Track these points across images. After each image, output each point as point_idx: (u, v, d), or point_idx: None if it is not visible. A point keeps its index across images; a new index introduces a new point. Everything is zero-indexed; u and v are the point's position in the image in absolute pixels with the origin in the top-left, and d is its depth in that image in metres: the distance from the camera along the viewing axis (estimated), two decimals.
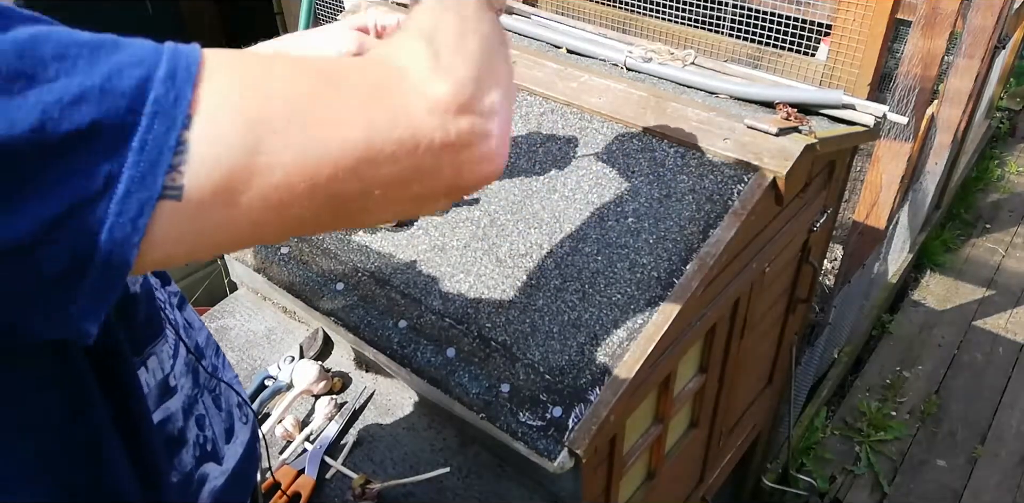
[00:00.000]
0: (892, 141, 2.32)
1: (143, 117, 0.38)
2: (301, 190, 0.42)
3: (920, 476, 2.64)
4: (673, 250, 1.02)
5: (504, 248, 1.08)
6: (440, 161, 0.46)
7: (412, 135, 0.44)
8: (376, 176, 0.44)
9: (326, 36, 0.82)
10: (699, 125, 1.11)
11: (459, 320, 1.03)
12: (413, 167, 0.45)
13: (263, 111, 0.41)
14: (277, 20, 3.43)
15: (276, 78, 0.43)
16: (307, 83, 0.43)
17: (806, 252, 1.51)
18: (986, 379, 2.97)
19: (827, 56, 1.73)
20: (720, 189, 1.05)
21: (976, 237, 3.67)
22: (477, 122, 0.47)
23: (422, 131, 0.44)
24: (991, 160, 4.14)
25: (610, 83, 1.20)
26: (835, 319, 2.53)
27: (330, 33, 0.83)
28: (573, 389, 0.94)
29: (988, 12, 2.41)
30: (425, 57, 0.47)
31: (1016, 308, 3.27)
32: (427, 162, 0.45)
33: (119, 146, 0.38)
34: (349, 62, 0.49)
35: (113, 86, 0.38)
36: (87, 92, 0.38)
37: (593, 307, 0.99)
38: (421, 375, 1.01)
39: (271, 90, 0.42)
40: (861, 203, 2.51)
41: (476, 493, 1.10)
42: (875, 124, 1.22)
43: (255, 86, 0.42)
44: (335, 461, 1.15)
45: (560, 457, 0.90)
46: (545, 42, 1.41)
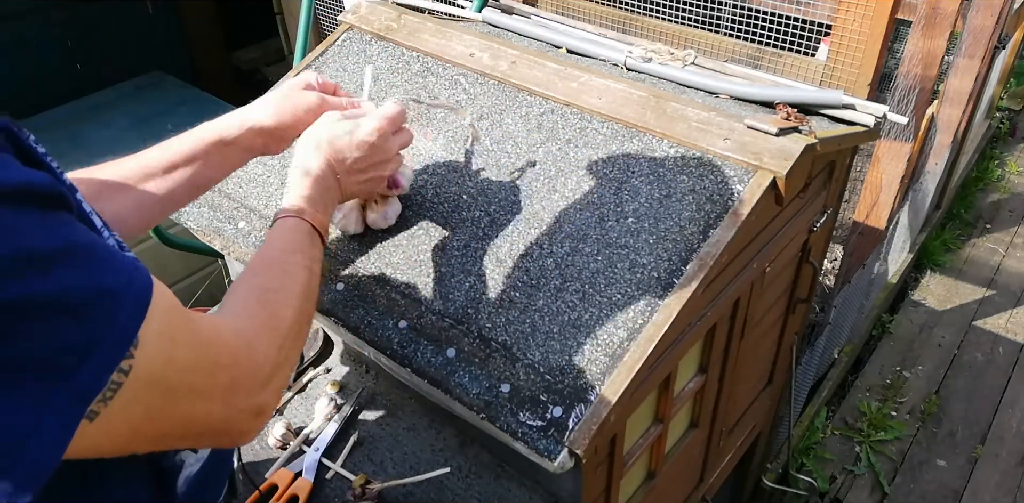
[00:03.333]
0: (892, 141, 2.32)
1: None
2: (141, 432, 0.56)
3: (920, 476, 2.64)
4: (673, 250, 1.02)
5: (504, 248, 1.08)
6: (224, 433, 0.64)
7: (228, 425, 0.63)
8: (193, 432, 0.61)
9: (287, 98, 0.98)
10: (699, 125, 1.11)
11: (459, 320, 1.03)
12: (213, 434, 0.64)
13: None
14: (277, 20, 3.43)
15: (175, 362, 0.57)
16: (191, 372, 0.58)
17: (806, 252, 1.51)
18: (986, 379, 2.97)
19: (827, 56, 1.73)
20: (720, 189, 1.05)
21: (976, 237, 3.67)
22: (261, 424, 0.67)
23: (235, 425, 0.63)
24: (991, 160, 4.14)
25: (610, 83, 1.20)
26: (835, 319, 2.53)
27: (290, 94, 0.98)
28: (573, 389, 0.94)
29: (988, 12, 2.41)
30: (271, 367, 0.67)
31: (1016, 308, 3.27)
32: (221, 433, 0.64)
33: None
34: (230, 347, 0.64)
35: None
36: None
37: (593, 307, 0.99)
38: (421, 375, 1.01)
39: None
40: (861, 203, 2.51)
41: (476, 493, 1.10)
42: (875, 124, 1.22)
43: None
44: (334, 463, 1.15)
45: (560, 457, 0.90)
46: (545, 42, 1.41)
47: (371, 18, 1.43)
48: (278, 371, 0.68)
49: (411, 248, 1.12)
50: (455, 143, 1.22)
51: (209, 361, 0.60)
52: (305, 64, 1.42)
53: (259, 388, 0.65)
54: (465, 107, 1.19)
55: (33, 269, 0.46)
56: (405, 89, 1.32)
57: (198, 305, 2.16)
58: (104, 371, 0.49)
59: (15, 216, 0.46)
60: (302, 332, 0.77)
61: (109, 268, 0.51)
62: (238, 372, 0.63)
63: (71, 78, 3.20)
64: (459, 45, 1.33)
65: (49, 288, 0.46)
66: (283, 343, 0.70)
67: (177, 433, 0.59)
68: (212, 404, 0.60)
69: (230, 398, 0.61)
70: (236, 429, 0.64)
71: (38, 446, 0.46)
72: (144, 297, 0.53)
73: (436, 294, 1.06)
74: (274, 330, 0.70)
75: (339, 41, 1.44)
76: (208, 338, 0.61)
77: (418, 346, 1.03)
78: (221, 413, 0.61)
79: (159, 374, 0.54)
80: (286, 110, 0.96)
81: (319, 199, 0.89)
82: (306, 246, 0.83)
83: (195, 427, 0.60)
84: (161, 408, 0.55)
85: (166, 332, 0.54)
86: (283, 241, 0.82)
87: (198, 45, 3.70)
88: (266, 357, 0.67)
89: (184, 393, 0.57)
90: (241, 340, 0.65)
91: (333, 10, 2.71)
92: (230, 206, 1.26)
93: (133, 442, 0.56)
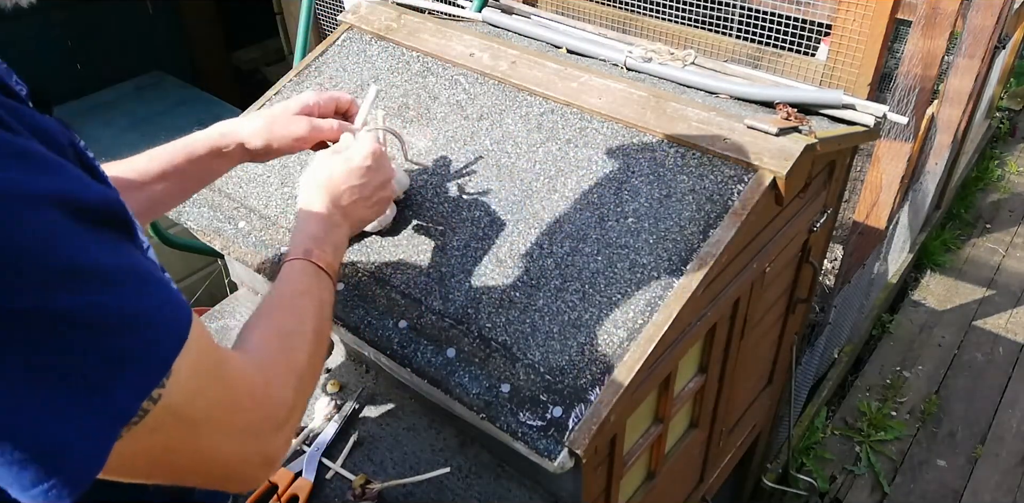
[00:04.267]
0: (892, 141, 2.32)
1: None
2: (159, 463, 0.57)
3: (920, 476, 2.64)
4: (673, 250, 1.02)
5: (504, 248, 1.08)
6: (233, 477, 0.64)
7: (240, 468, 0.63)
8: (205, 470, 0.61)
9: (276, 123, 0.99)
10: (699, 125, 1.11)
11: (459, 320, 1.03)
12: (223, 476, 0.64)
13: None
14: (277, 20, 3.43)
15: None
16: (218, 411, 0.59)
17: (806, 252, 1.51)
18: (986, 379, 2.97)
19: (827, 56, 1.73)
20: (720, 189, 1.05)
21: (976, 237, 3.68)
22: (268, 474, 0.68)
23: (245, 469, 0.63)
24: (991, 160, 4.14)
25: (610, 83, 1.20)
26: (835, 319, 2.53)
27: (280, 119, 0.99)
28: (573, 389, 0.94)
29: (988, 12, 2.41)
30: (287, 410, 0.67)
31: (1016, 308, 3.27)
32: (230, 476, 0.64)
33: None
34: (253, 388, 0.64)
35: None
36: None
37: (593, 307, 0.99)
38: (421, 375, 1.00)
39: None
40: (861, 203, 2.51)
41: (476, 493, 1.10)
42: (875, 124, 1.22)
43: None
44: (334, 463, 1.15)
45: (560, 457, 0.90)
46: (545, 42, 1.41)
47: (371, 18, 1.43)
48: (292, 414, 0.69)
49: (411, 248, 1.12)
50: (455, 143, 1.22)
51: (233, 399, 0.61)
52: (305, 64, 1.42)
53: (274, 431, 0.65)
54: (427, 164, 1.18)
55: (96, 284, 0.48)
56: (405, 89, 1.32)
57: (198, 305, 2.16)
58: (140, 393, 0.50)
59: (86, 231, 0.48)
60: (315, 376, 0.77)
61: (159, 297, 0.53)
62: (257, 414, 0.63)
63: (71, 78, 3.20)
64: (459, 45, 1.33)
65: (107, 305, 0.48)
66: (298, 386, 0.70)
67: (188, 470, 0.60)
68: (231, 443, 0.61)
69: (247, 439, 0.62)
70: (246, 475, 0.64)
71: (82, 453, 0.47)
72: (184, 330, 0.54)
73: (436, 294, 1.06)
74: (290, 373, 0.70)
75: (339, 41, 1.44)
76: (235, 377, 0.62)
77: (418, 346, 1.03)
78: (237, 453, 0.62)
79: (185, 406, 0.55)
80: (275, 135, 0.99)
81: (325, 238, 0.90)
82: (314, 288, 0.84)
83: (209, 466, 0.60)
84: (181, 440, 0.56)
85: (198, 367, 0.55)
86: (291, 284, 0.83)
87: (198, 45, 3.70)
88: (283, 400, 0.67)
89: (205, 429, 0.57)
90: (262, 382, 0.66)
91: (333, 10, 2.71)
92: (230, 206, 1.26)
93: (151, 471, 0.57)
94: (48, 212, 0.46)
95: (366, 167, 0.96)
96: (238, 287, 1.46)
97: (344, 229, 0.94)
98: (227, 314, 1.40)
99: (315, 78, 1.39)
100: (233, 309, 1.41)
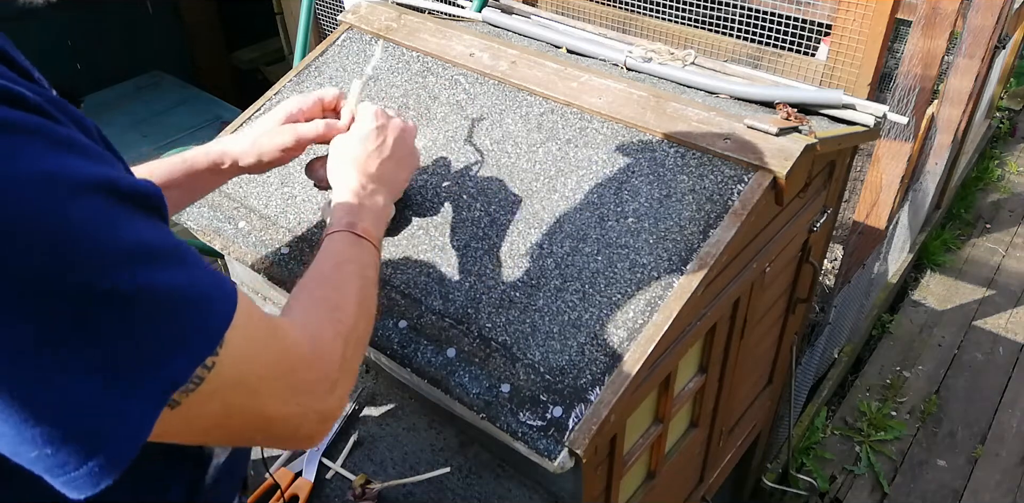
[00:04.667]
0: (892, 141, 2.32)
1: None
2: (229, 422, 0.60)
3: (920, 476, 2.64)
4: (673, 250, 1.02)
5: (504, 248, 1.08)
6: (294, 435, 0.67)
7: (299, 425, 0.65)
8: (267, 430, 0.64)
9: (263, 137, 1.01)
10: (699, 125, 1.11)
11: (459, 320, 1.03)
12: (285, 434, 0.66)
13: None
14: (277, 20, 3.43)
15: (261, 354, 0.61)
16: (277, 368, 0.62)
17: (806, 252, 1.51)
18: (986, 379, 2.97)
19: (827, 56, 1.73)
20: (720, 189, 1.05)
21: (976, 237, 3.68)
22: (327, 429, 0.70)
23: (305, 426, 0.66)
24: (991, 160, 4.14)
25: (610, 83, 1.20)
26: (835, 319, 2.53)
27: (265, 132, 1.02)
28: (573, 389, 0.94)
29: (988, 12, 2.41)
30: (337, 372, 0.69)
31: (1016, 308, 3.27)
32: (292, 435, 0.67)
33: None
34: (304, 352, 0.67)
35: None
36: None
37: (593, 307, 0.99)
38: (421, 375, 1.01)
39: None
40: (861, 203, 2.51)
41: (476, 493, 1.10)
42: (875, 124, 1.22)
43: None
44: (334, 463, 1.16)
45: (560, 457, 0.90)
46: (545, 42, 1.41)
47: (371, 18, 1.43)
48: (344, 376, 0.71)
49: (411, 248, 1.12)
50: (455, 143, 1.22)
51: (286, 364, 0.63)
52: (305, 64, 1.42)
53: (328, 392, 0.68)
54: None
55: (148, 264, 0.50)
56: (405, 89, 1.32)
57: None
58: (191, 366, 0.52)
59: (133, 214, 0.51)
60: (363, 338, 0.80)
61: (205, 272, 0.56)
62: (311, 375, 0.66)
63: (71, 78, 3.20)
64: (459, 45, 1.33)
65: (160, 284, 0.50)
66: (345, 349, 0.73)
67: (251, 430, 0.63)
68: (287, 404, 0.63)
69: (303, 400, 0.65)
70: (305, 432, 0.67)
71: (125, 430, 0.49)
72: (232, 302, 0.57)
73: (436, 294, 1.06)
74: (339, 335, 0.73)
75: (339, 41, 1.44)
76: (286, 341, 0.64)
77: (418, 346, 1.03)
78: (295, 413, 0.64)
79: (240, 373, 0.57)
80: (263, 150, 1.02)
81: (361, 208, 0.92)
82: (355, 255, 0.86)
83: (269, 425, 0.63)
84: (239, 405, 0.59)
85: (250, 334, 0.58)
86: (332, 255, 0.86)
87: (198, 45, 3.70)
88: (332, 362, 0.70)
89: (261, 392, 0.60)
90: (312, 345, 0.68)
91: (333, 10, 2.71)
92: (230, 206, 1.26)
93: (211, 434, 0.60)
94: (98, 196, 0.48)
95: (375, 128, 0.99)
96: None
97: (380, 195, 0.96)
98: None
99: (315, 78, 1.39)
100: None
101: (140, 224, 0.51)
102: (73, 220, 0.46)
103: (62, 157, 0.48)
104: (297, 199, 1.23)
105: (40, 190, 0.45)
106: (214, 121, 3.03)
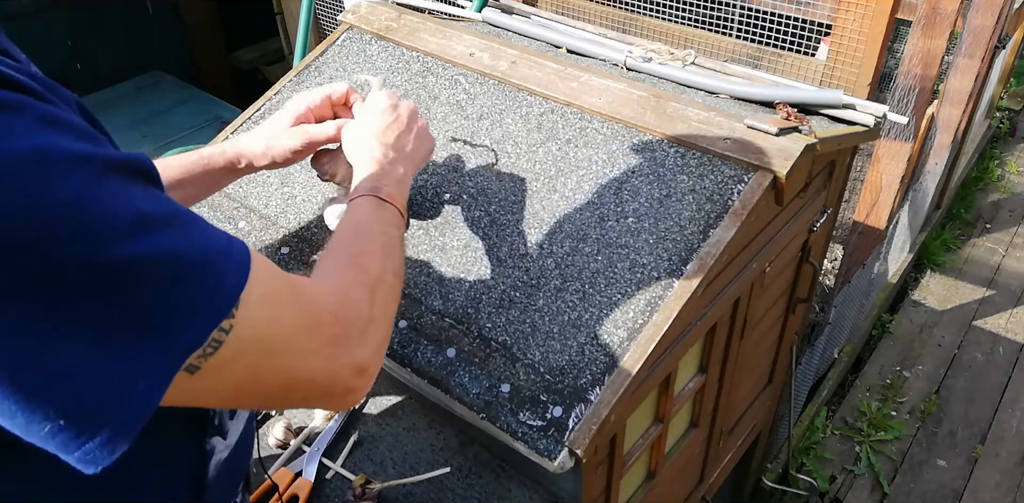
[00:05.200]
0: (892, 141, 2.32)
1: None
2: (257, 383, 0.59)
3: (920, 476, 2.64)
4: (673, 250, 1.02)
5: (504, 248, 1.08)
6: (331, 392, 0.65)
7: (333, 381, 0.64)
8: (300, 389, 0.62)
9: (274, 139, 1.01)
10: (699, 125, 1.11)
11: (459, 320, 1.03)
12: (320, 392, 0.65)
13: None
14: (277, 20, 3.43)
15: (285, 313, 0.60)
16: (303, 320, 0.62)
17: (806, 252, 1.51)
18: (986, 379, 2.97)
19: (827, 56, 1.73)
20: (720, 189, 1.05)
21: (976, 237, 3.68)
22: (365, 383, 0.68)
23: (340, 381, 0.65)
24: (991, 160, 4.14)
25: (610, 83, 1.20)
26: (835, 319, 2.53)
27: (276, 134, 1.02)
28: (573, 389, 0.94)
29: (988, 12, 2.41)
30: (365, 320, 0.68)
31: (1016, 308, 3.27)
32: (327, 391, 0.65)
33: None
34: (329, 304, 0.66)
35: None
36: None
37: (593, 307, 0.99)
38: (421, 375, 1.01)
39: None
40: (861, 203, 2.51)
41: (476, 493, 1.10)
42: (875, 124, 1.22)
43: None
44: (334, 463, 1.16)
45: (560, 457, 0.90)
46: (545, 42, 1.41)
47: (371, 18, 1.43)
48: (374, 324, 0.70)
49: (411, 248, 1.12)
50: (455, 143, 1.22)
51: (311, 320, 0.62)
52: (305, 64, 1.42)
53: (358, 342, 0.67)
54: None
55: (147, 231, 0.49)
56: (405, 89, 1.32)
57: None
58: (205, 330, 0.52)
59: (126, 184, 0.50)
60: (392, 289, 0.78)
61: (211, 235, 0.55)
62: (338, 328, 0.65)
63: (71, 78, 3.20)
64: (459, 45, 1.33)
65: (162, 250, 0.50)
66: (374, 297, 0.72)
67: (285, 390, 0.61)
68: (317, 361, 0.62)
69: (333, 352, 0.64)
70: (341, 387, 0.65)
71: (134, 399, 0.49)
72: (244, 262, 0.56)
73: (436, 294, 1.06)
74: (363, 285, 0.72)
75: (339, 41, 1.44)
76: (308, 298, 0.63)
77: (418, 346, 1.03)
78: (326, 368, 0.63)
79: (261, 334, 0.56)
80: (275, 152, 1.02)
81: (382, 175, 0.92)
82: (376, 216, 0.86)
83: (301, 384, 0.62)
84: (265, 366, 0.58)
85: (267, 295, 0.57)
86: (354, 218, 0.86)
87: (198, 45, 3.70)
88: (359, 313, 0.69)
89: (287, 351, 0.59)
90: (337, 297, 0.68)
91: (333, 10, 2.71)
92: (230, 206, 1.26)
93: (240, 397, 0.60)
94: (89, 169, 0.48)
95: (390, 105, 0.99)
96: None
97: (401, 165, 0.96)
98: None
99: (315, 78, 1.39)
100: None
101: (136, 193, 0.51)
102: (67, 194, 0.46)
103: (49, 133, 0.48)
104: (297, 199, 1.23)
105: (31, 166, 0.45)
106: (214, 121, 3.03)
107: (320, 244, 1.17)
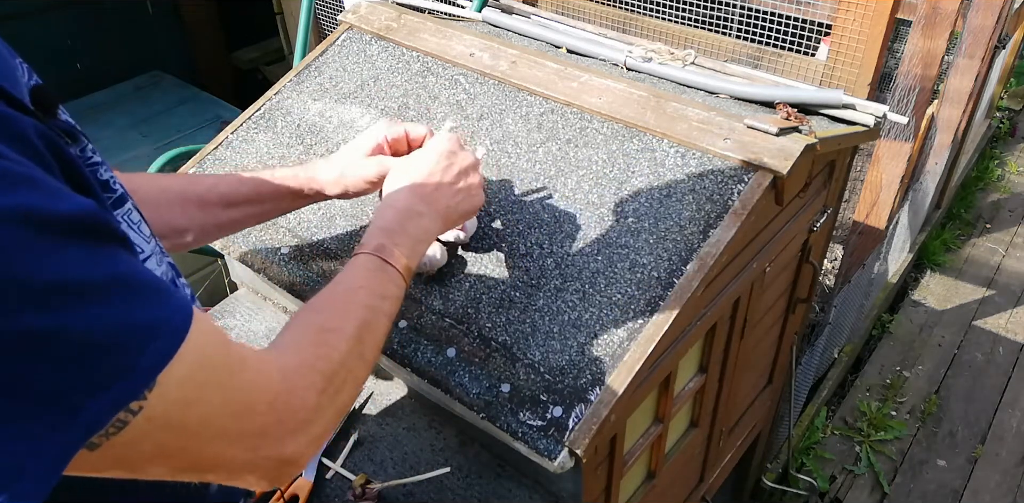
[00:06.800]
0: (892, 141, 2.32)
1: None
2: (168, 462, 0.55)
3: (920, 476, 2.64)
4: (673, 250, 1.02)
5: (504, 248, 1.08)
6: (245, 481, 0.61)
7: (249, 471, 0.60)
8: (212, 472, 0.59)
9: (348, 168, 0.99)
10: (699, 125, 1.11)
11: (459, 320, 1.03)
12: (231, 479, 0.61)
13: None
14: (277, 20, 3.43)
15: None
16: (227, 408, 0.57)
17: (806, 252, 1.51)
18: (986, 379, 2.98)
19: (827, 56, 1.73)
20: (720, 189, 1.05)
21: (976, 237, 3.68)
22: (291, 473, 0.64)
23: (257, 472, 0.61)
24: (991, 160, 4.14)
25: (610, 83, 1.20)
26: (835, 319, 2.53)
27: (352, 163, 0.99)
28: (573, 389, 0.94)
29: (988, 12, 2.41)
30: (309, 410, 0.63)
31: (1016, 308, 3.27)
32: (240, 479, 0.61)
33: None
34: (270, 388, 0.61)
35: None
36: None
37: (593, 307, 0.99)
38: (421, 375, 1.01)
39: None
40: (861, 203, 2.51)
41: (476, 493, 1.10)
42: (875, 124, 1.22)
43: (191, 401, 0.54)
44: (334, 462, 1.16)
45: (560, 457, 0.90)
46: (545, 42, 1.41)
47: (371, 18, 1.43)
48: (316, 416, 0.64)
49: None
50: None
51: (242, 405, 0.58)
52: (305, 64, 1.42)
53: (291, 434, 0.61)
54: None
55: (66, 302, 0.45)
56: (405, 89, 1.32)
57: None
58: (110, 412, 0.48)
59: (58, 246, 0.46)
60: (356, 374, 0.72)
61: (151, 305, 0.50)
62: (270, 418, 0.60)
63: (71, 78, 3.20)
64: (459, 45, 1.33)
65: (78, 324, 0.46)
66: (325, 387, 0.66)
67: (195, 471, 0.58)
68: (235, 449, 0.58)
69: (257, 443, 0.59)
70: (260, 476, 0.61)
71: (32, 475, 0.46)
72: (174, 339, 0.51)
73: (436, 294, 1.06)
74: (316, 373, 0.66)
75: (339, 41, 1.44)
76: (245, 380, 0.59)
77: (418, 346, 1.03)
78: (244, 458, 0.59)
79: (175, 416, 0.53)
80: (349, 181, 0.99)
81: (400, 231, 0.85)
82: (373, 282, 0.79)
83: (214, 468, 0.59)
84: (175, 447, 0.54)
85: (196, 373, 0.53)
86: (348, 279, 0.79)
87: (198, 45, 3.70)
88: (303, 402, 0.63)
89: (204, 435, 0.55)
90: (283, 378, 0.62)
91: (333, 10, 2.71)
92: None
93: (147, 470, 0.55)
94: (11, 228, 0.43)
95: (446, 151, 0.94)
96: (238, 287, 1.46)
97: (427, 220, 0.89)
98: (227, 314, 1.40)
99: (315, 78, 1.39)
100: (233, 309, 1.41)
101: (69, 255, 0.46)
102: None
103: None
104: None
105: None
106: (214, 121, 3.03)
107: (320, 244, 1.17)
